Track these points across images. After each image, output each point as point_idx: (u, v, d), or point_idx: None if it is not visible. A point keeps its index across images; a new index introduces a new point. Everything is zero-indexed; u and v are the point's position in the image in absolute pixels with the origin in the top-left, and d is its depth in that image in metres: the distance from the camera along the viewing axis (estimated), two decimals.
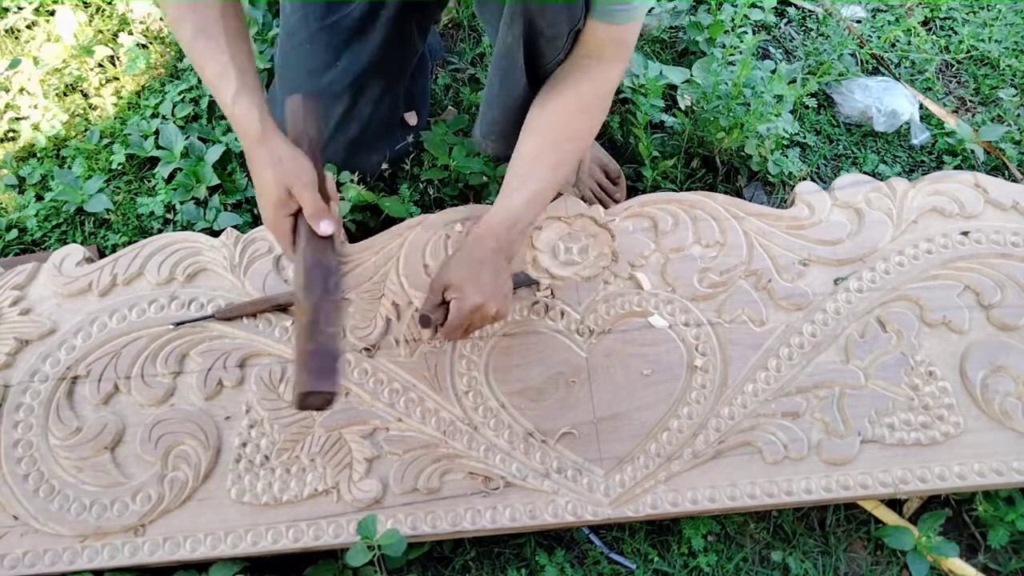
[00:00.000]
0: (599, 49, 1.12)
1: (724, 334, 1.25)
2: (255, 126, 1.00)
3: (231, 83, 1.00)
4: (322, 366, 0.94)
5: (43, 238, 1.54)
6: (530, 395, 1.21)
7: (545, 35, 1.09)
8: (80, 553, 1.13)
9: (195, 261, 1.31)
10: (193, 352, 1.24)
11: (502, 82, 1.18)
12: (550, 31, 1.08)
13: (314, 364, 0.94)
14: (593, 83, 1.13)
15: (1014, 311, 1.27)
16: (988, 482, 1.17)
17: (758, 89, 1.47)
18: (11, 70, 1.72)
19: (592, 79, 1.13)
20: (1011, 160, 1.62)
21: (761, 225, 1.33)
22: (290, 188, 1.00)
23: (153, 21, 1.79)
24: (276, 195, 1.01)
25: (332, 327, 0.96)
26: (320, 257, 1.01)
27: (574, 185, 1.43)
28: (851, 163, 1.64)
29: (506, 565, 1.23)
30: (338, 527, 1.14)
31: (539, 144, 1.13)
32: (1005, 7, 1.89)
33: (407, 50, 1.41)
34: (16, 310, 1.27)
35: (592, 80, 1.13)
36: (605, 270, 1.29)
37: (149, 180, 1.59)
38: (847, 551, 1.25)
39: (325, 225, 1.01)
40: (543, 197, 1.15)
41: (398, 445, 1.18)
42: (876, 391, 1.22)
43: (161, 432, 1.19)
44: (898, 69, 1.78)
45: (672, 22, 1.78)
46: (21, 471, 1.17)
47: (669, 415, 1.20)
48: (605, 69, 1.13)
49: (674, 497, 1.16)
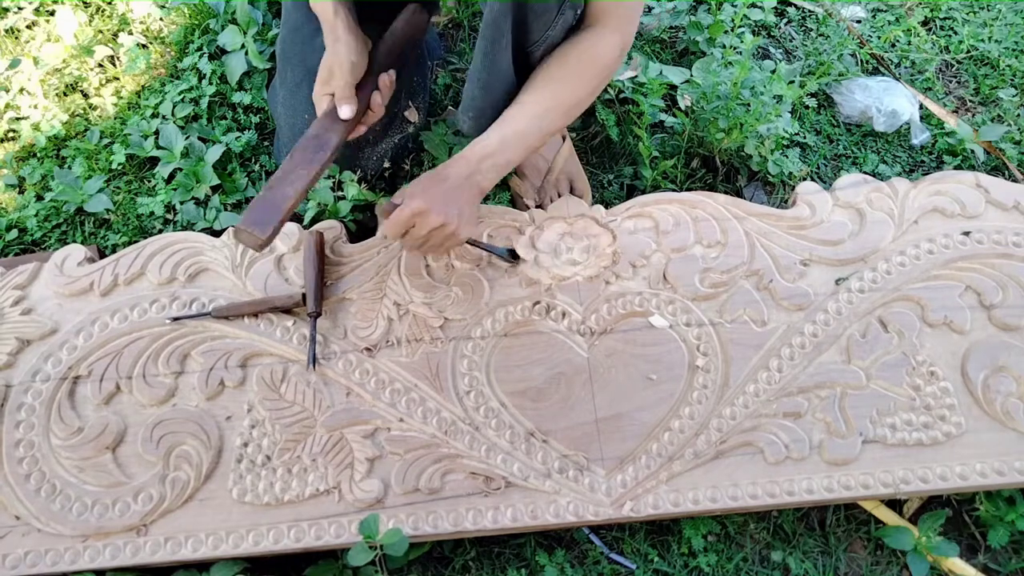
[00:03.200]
0: (599, 18, 1.16)
1: (725, 334, 1.25)
2: (329, 14, 1.14)
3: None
4: (262, 214, 1.05)
5: (43, 238, 1.54)
6: (531, 395, 1.21)
7: (534, 8, 1.10)
8: (82, 553, 1.13)
9: (196, 261, 1.31)
10: (194, 352, 1.24)
11: (484, 56, 1.19)
12: (539, 4, 1.09)
13: (256, 208, 1.06)
14: (593, 50, 1.16)
15: (1015, 311, 1.27)
16: (990, 482, 1.17)
17: (757, 89, 1.47)
18: (11, 70, 1.71)
19: (591, 44, 1.16)
20: (1011, 160, 1.62)
21: (762, 225, 1.33)
22: (331, 70, 1.14)
23: (153, 21, 1.79)
24: (323, 72, 1.16)
25: (293, 188, 1.08)
26: (325, 132, 1.14)
27: (537, 191, 1.44)
28: (851, 163, 1.64)
29: (506, 565, 1.23)
30: (339, 527, 1.14)
31: (529, 93, 1.17)
32: (1005, 7, 1.89)
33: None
34: (18, 310, 1.27)
35: (593, 47, 1.16)
36: (606, 270, 1.29)
37: (149, 180, 1.59)
38: (847, 551, 1.25)
39: (345, 110, 1.15)
40: (523, 140, 1.17)
41: (399, 445, 1.18)
42: (878, 391, 1.22)
43: (163, 432, 1.19)
44: (898, 69, 1.78)
45: (672, 22, 1.78)
46: (23, 471, 1.17)
47: (670, 415, 1.20)
48: (602, 37, 1.16)
49: (675, 497, 1.16)
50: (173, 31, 1.76)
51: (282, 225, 1.07)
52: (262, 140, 1.63)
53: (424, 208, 1.11)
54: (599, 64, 1.17)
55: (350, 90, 1.15)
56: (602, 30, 1.16)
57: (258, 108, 1.66)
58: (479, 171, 1.15)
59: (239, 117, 1.65)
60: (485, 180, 1.17)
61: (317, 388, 1.22)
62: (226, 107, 1.67)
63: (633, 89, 1.60)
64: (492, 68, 1.19)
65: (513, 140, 1.16)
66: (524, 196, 1.43)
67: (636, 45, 1.77)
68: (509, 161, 1.17)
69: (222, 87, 1.67)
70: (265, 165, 1.59)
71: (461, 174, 1.15)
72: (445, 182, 1.14)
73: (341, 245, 1.32)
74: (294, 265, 1.30)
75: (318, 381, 1.22)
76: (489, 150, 1.15)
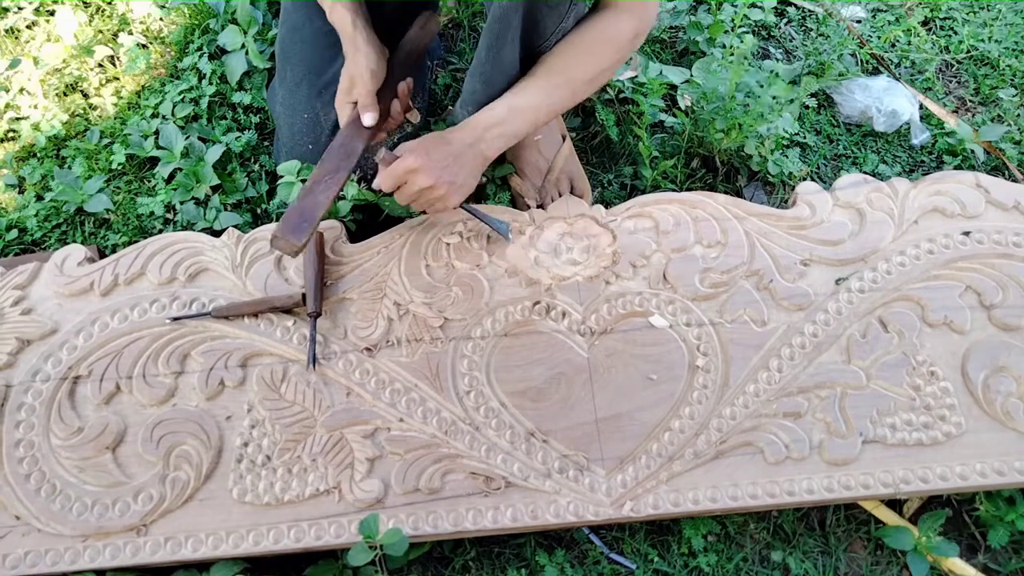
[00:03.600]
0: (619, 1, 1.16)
1: (726, 334, 1.25)
2: (348, 26, 1.16)
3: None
4: (297, 222, 1.11)
5: (43, 238, 1.54)
6: (531, 395, 1.21)
7: (548, 3, 1.10)
8: (82, 553, 1.13)
9: (197, 261, 1.31)
10: (195, 352, 1.24)
11: (488, 50, 1.19)
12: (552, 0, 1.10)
13: (291, 217, 1.11)
14: (608, 32, 1.16)
15: (1015, 311, 1.27)
16: (990, 482, 1.17)
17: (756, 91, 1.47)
18: (11, 70, 1.71)
19: (606, 24, 1.17)
20: (1011, 160, 1.62)
21: (762, 225, 1.33)
22: (353, 79, 1.17)
23: (153, 21, 1.79)
24: (344, 82, 1.19)
25: (324, 196, 1.13)
26: (351, 141, 1.18)
27: (538, 190, 1.44)
28: (851, 163, 1.64)
29: (506, 565, 1.23)
30: (340, 527, 1.14)
31: (540, 68, 1.19)
32: (1005, 7, 1.89)
33: None
34: (18, 310, 1.27)
35: (608, 28, 1.16)
36: (606, 270, 1.29)
37: (149, 180, 1.59)
38: (847, 551, 1.25)
39: (367, 117, 1.17)
40: (531, 113, 1.18)
41: (399, 445, 1.18)
42: (878, 391, 1.22)
43: (163, 432, 1.19)
44: (898, 69, 1.78)
45: (672, 22, 1.78)
46: (23, 471, 1.17)
47: (671, 415, 1.20)
48: (618, 19, 1.16)
49: (676, 497, 1.16)
50: (173, 31, 1.76)
51: (314, 231, 1.13)
52: (262, 140, 1.63)
53: (417, 167, 1.13)
54: (613, 44, 1.17)
55: (372, 98, 1.16)
56: (619, 12, 1.16)
57: (258, 108, 1.66)
58: (484, 139, 1.16)
59: (239, 117, 1.65)
60: (490, 149, 1.18)
61: (317, 388, 1.22)
62: (226, 107, 1.67)
63: (633, 89, 1.60)
64: (496, 62, 1.19)
65: (522, 111, 1.17)
66: (525, 196, 1.43)
67: None
68: (516, 132, 1.18)
69: (222, 87, 1.67)
70: (265, 165, 1.59)
71: (465, 140, 1.16)
72: (448, 145, 1.15)
73: (341, 245, 1.32)
74: (294, 265, 1.30)
75: (318, 381, 1.22)
76: (497, 119, 1.16)
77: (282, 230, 1.10)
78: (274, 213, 1.51)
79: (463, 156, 1.15)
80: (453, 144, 1.15)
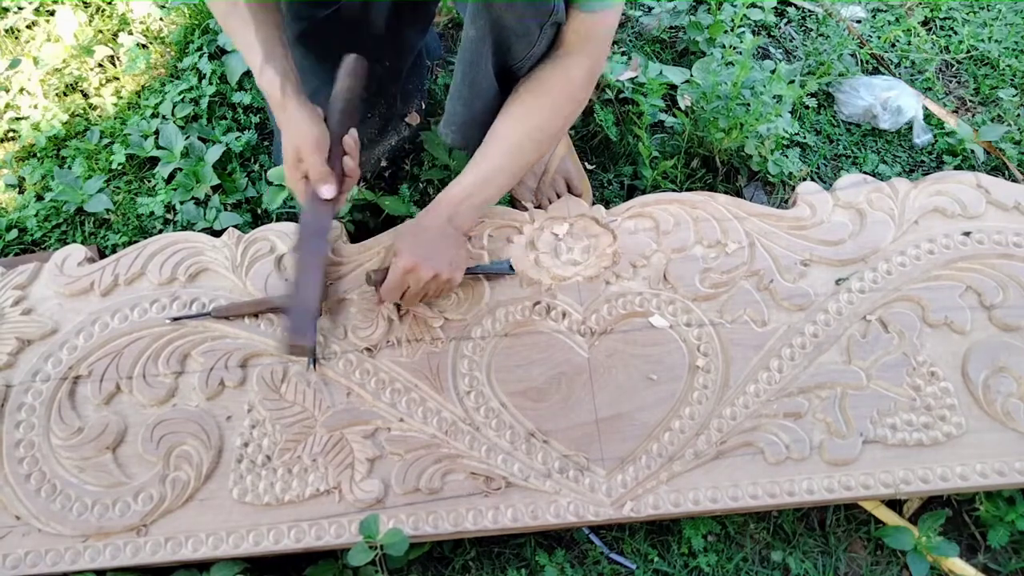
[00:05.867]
0: (572, 43, 1.14)
1: (726, 334, 1.25)
2: (277, 93, 1.08)
3: (257, 55, 1.09)
4: (298, 323, 1.11)
5: (43, 238, 1.54)
6: (532, 395, 1.21)
7: (514, 30, 1.10)
8: (82, 553, 1.13)
9: (197, 261, 1.30)
10: (195, 352, 1.24)
11: (464, 75, 1.19)
12: (519, 26, 1.09)
13: (292, 322, 1.11)
14: (563, 78, 1.15)
15: (1016, 312, 1.27)
16: (990, 482, 1.17)
17: (757, 89, 1.47)
18: (11, 70, 1.71)
19: (563, 73, 1.15)
20: (1011, 160, 1.62)
21: (763, 225, 1.33)
22: (299, 151, 1.08)
23: (153, 21, 1.79)
24: (289, 156, 1.10)
25: (314, 291, 1.12)
26: (316, 221, 1.13)
27: (534, 193, 1.44)
28: (851, 163, 1.64)
29: (506, 565, 1.23)
30: (340, 527, 1.14)
31: (504, 129, 1.16)
32: (1005, 7, 1.89)
33: (402, 49, 1.41)
34: (18, 310, 1.27)
35: (563, 74, 1.15)
36: (607, 270, 1.29)
37: (149, 180, 1.59)
38: (847, 551, 1.25)
39: (325, 189, 1.10)
40: (498, 178, 1.17)
41: (400, 445, 1.18)
42: (878, 391, 1.22)
43: (163, 432, 1.19)
44: (898, 69, 1.78)
45: (672, 22, 1.79)
46: (23, 471, 1.17)
47: (671, 415, 1.20)
48: (575, 65, 1.14)
49: (676, 497, 1.16)
50: (173, 31, 1.76)
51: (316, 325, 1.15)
52: (262, 140, 1.63)
53: (412, 265, 1.12)
54: (570, 94, 1.16)
55: (324, 167, 1.09)
56: (577, 56, 1.14)
57: (258, 108, 1.66)
58: (458, 214, 1.16)
59: (239, 117, 1.65)
60: (465, 223, 1.17)
61: (317, 388, 1.22)
62: (226, 107, 1.67)
63: (633, 89, 1.60)
64: (473, 87, 1.19)
65: (488, 179, 1.16)
66: (521, 199, 1.43)
67: (636, 45, 1.78)
68: (486, 200, 1.18)
69: (222, 87, 1.67)
70: (265, 165, 1.59)
71: (440, 222, 1.15)
72: (426, 232, 1.14)
73: (341, 245, 1.32)
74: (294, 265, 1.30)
75: (318, 381, 1.22)
76: (465, 193, 1.15)
77: (291, 338, 1.10)
78: (274, 213, 1.51)
79: (445, 234, 1.15)
80: (431, 229, 1.15)
